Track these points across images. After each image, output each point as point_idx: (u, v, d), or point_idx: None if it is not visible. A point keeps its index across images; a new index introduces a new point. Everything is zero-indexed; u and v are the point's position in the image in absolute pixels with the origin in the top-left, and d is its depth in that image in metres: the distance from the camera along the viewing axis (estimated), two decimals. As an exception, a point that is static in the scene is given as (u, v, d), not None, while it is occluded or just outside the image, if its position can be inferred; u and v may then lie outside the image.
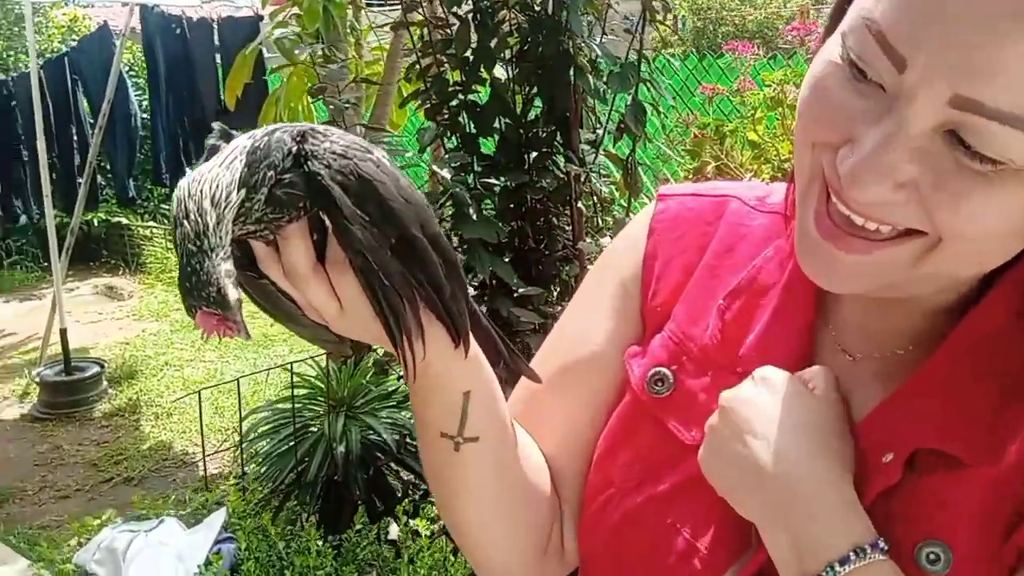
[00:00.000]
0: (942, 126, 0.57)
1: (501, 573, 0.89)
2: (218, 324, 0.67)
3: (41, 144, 5.34)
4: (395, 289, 0.72)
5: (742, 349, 0.78)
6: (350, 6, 3.65)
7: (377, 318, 0.73)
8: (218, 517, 2.56)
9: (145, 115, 7.69)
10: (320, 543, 2.40)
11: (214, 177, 0.67)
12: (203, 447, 3.87)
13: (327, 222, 0.70)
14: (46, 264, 7.63)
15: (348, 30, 3.78)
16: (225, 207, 0.67)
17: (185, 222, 0.66)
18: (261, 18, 5.93)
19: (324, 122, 2.79)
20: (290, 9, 3.53)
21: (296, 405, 3.17)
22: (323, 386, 3.31)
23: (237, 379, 3.76)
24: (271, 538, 2.37)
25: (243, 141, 0.70)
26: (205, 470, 3.69)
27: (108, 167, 7.90)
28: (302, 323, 0.78)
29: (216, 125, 0.75)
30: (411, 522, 2.67)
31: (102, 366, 5.72)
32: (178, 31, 6.45)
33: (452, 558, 2.59)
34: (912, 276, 0.64)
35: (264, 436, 3.25)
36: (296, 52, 3.11)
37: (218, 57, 6.52)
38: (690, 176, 3.26)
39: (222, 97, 5.71)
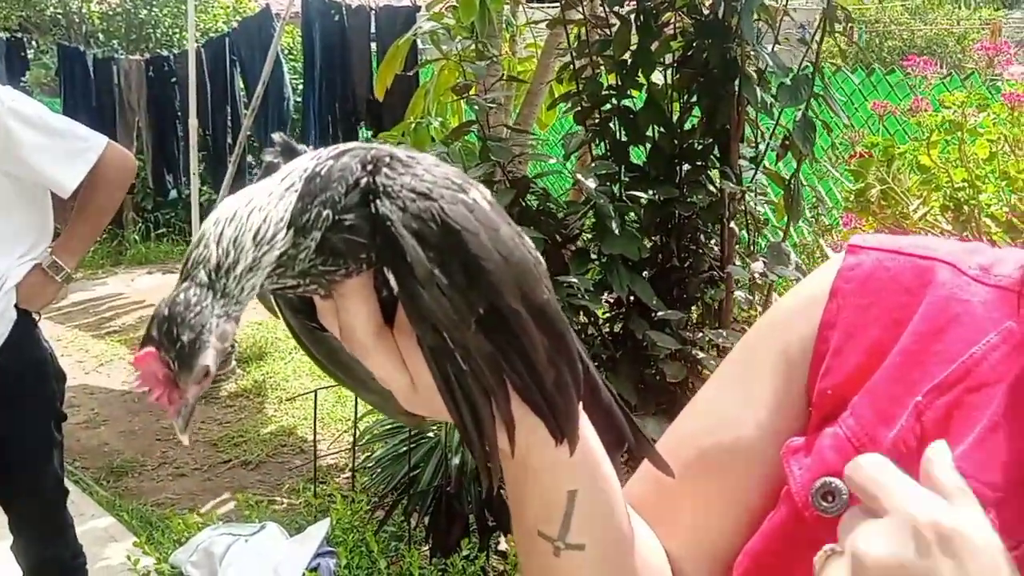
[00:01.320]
0: None
1: None
2: (163, 382, 0.51)
3: (192, 121, 5.45)
4: (475, 376, 0.55)
5: None
6: (508, 1, 3.53)
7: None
8: (321, 528, 2.47)
9: (298, 99, 7.81)
10: (423, 566, 2.27)
11: (264, 206, 0.52)
12: (315, 450, 3.83)
13: (392, 282, 0.54)
14: (192, 239, 7.86)
15: (504, 25, 3.67)
16: (266, 251, 0.51)
17: (213, 247, 0.51)
18: (418, 8, 5.90)
19: (468, 122, 2.66)
20: (447, 0, 3.44)
21: (414, 409, 3.06)
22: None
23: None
24: (373, 555, 2.27)
25: (305, 162, 0.55)
26: (315, 474, 3.64)
27: (259, 148, 8.08)
28: (370, 388, 0.63)
29: (277, 136, 0.60)
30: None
31: (233, 346, 5.81)
32: (336, 17, 6.48)
33: None
34: None
35: (379, 438, 3.17)
36: (445, 47, 3.01)
37: (373, 46, 6.53)
38: (850, 197, 3.02)
39: (374, 86, 5.70)
